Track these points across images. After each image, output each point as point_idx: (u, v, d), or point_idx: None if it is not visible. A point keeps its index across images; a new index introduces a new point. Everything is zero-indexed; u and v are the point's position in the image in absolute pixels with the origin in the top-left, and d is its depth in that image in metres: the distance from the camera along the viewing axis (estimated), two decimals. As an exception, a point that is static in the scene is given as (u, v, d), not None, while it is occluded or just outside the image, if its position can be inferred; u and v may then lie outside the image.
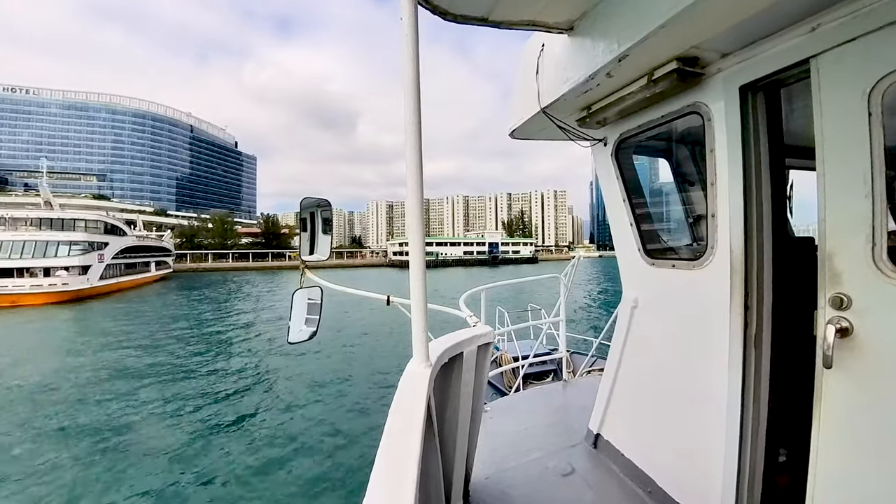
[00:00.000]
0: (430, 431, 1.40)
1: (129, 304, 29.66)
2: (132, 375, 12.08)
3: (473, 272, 65.45)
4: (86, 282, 33.32)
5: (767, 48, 1.52)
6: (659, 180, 2.62)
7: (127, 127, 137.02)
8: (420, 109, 1.29)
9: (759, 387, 1.72)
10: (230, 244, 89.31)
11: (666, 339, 2.26)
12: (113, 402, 9.80)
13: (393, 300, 2.70)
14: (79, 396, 10.28)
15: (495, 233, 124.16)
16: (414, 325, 1.33)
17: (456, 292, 2.92)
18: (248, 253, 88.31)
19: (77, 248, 33.83)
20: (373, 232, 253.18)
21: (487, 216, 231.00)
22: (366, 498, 0.74)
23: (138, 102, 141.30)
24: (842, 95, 1.28)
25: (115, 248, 39.75)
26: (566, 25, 1.95)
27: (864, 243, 1.23)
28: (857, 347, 1.26)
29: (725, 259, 1.78)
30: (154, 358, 14.19)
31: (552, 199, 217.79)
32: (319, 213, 2.39)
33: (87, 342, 16.77)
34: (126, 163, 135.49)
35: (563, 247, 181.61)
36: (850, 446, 1.29)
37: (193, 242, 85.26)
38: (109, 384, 11.21)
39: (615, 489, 2.34)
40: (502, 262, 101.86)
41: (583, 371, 4.68)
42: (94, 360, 13.86)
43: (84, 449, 7.45)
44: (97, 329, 19.97)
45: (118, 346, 16.04)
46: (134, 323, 21.59)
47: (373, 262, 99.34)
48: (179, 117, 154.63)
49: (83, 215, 37.84)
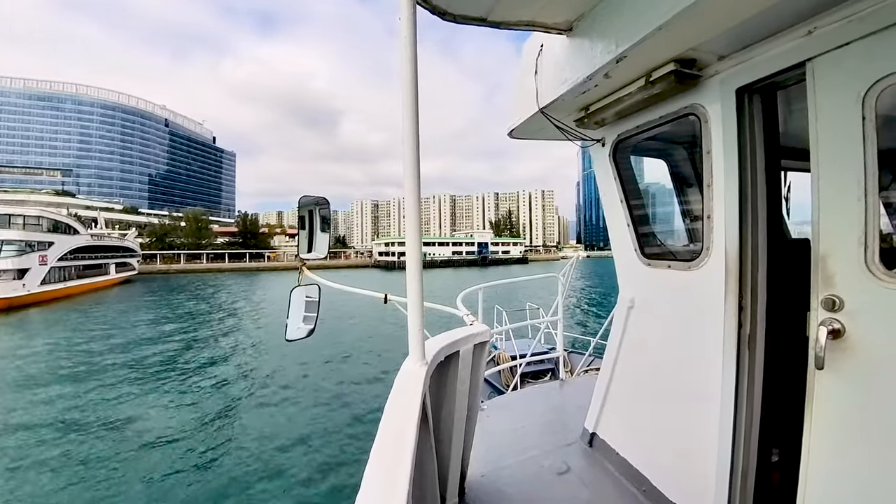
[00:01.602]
0: (425, 429, 1.42)
1: (77, 313, 25.87)
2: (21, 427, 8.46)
3: (463, 273, 62.85)
4: (21, 288, 29.08)
5: (764, 51, 1.55)
6: (656, 181, 2.62)
7: (95, 119, 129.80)
8: (417, 110, 1.31)
9: (752, 387, 1.76)
10: (204, 244, 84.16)
11: (662, 339, 2.29)
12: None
13: (390, 298, 2.70)
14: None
15: (485, 232, 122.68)
16: (410, 324, 1.34)
17: (442, 300, 2.76)
18: (224, 253, 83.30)
19: (11, 248, 29.41)
20: (357, 232, 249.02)
21: (475, 216, 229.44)
22: (359, 495, 0.75)
23: (107, 93, 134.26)
24: (837, 98, 1.31)
25: (63, 249, 35.47)
26: (565, 26, 1.97)
27: (857, 246, 1.26)
28: (848, 349, 1.30)
29: (720, 260, 1.81)
30: (79, 386, 11.08)
31: (540, 199, 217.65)
32: (318, 211, 2.37)
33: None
34: (94, 157, 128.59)
35: (551, 247, 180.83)
36: (841, 445, 1.33)
37: (165, 242, 79.84)
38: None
39: (610, 488, 2.36)
40: (492, 262, 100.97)
41: (580, 370, 4.81)
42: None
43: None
44: (11, 346, 16.28)
45: (32, 373, 12.57)
46: (71, 337, 18.17)
47: (357, 262, 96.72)
48: (153, 110, 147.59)
49: (21, 210, 33.05)
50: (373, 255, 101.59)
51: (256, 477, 6.69)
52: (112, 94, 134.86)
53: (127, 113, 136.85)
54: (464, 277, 51.97)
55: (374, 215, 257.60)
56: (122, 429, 8.46)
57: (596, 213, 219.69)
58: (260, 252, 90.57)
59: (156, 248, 78.51)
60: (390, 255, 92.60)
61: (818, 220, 1.37)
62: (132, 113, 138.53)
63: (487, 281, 4.40)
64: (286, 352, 14.05)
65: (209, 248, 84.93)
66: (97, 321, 22.64)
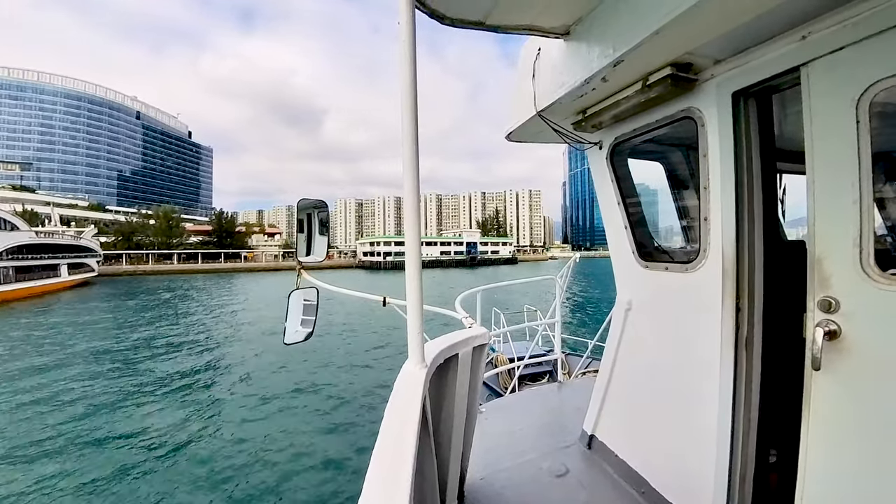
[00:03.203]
0: (425, 432, 1.43)
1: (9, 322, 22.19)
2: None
3: (452, 275, 59.77)
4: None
5: (759, 55, 1.59)
6: (653, 184, 2.65)
7: (58, 110, 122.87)
8: (416, 111, 1.33)
9: (749, 388, 1.79)
10: (175, 243, 79.02)
11: (659, 340, 2.33)
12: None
13: (389, 301, 2.73)
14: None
15: (473, 232, 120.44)
16: (410, 326, 1.36)
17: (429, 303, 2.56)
18: (198, 253, 78.39)
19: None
20: (341, 231, 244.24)
21: (461, 215, 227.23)
22: (361, 498, 0.76)
23: (72, 82, 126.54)
24: (831, 102, 1.35)
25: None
26: (562, 30, 1.99)
27: (852, 248, 1.30)
28: (844, 350, 1.33)
29: (717, 262, 1.85)
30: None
31: (527, 199, 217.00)
32: (316, 214, 2.39)
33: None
34: (57, 150, 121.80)
35: (538, 247, 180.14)
36: (838, 446, 1.36)
37: (132, 241, 74.49)
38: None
39: (609, 490, 2.38)
40: (481, 262, 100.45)
41: (578, 372, 4.78)
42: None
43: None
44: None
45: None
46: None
47: (341, 263, 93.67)
48: (123, 101, 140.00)
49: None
50: (357, 255, 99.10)
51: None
52: (78, 84, 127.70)
53: (94, 104, 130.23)
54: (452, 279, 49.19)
55: (359, 214, 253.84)
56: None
57: (583, 213, 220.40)
58: (236, 252, 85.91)
59: (122, 247, 73.40)
60: (375, 256, 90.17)
61: (814, 223, 1.40)
62: (100, 104, 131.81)
63: (477, 282, 4.37)
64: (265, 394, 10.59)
65: (180, 248, 79.99)
66: (19, 334, 18.82)
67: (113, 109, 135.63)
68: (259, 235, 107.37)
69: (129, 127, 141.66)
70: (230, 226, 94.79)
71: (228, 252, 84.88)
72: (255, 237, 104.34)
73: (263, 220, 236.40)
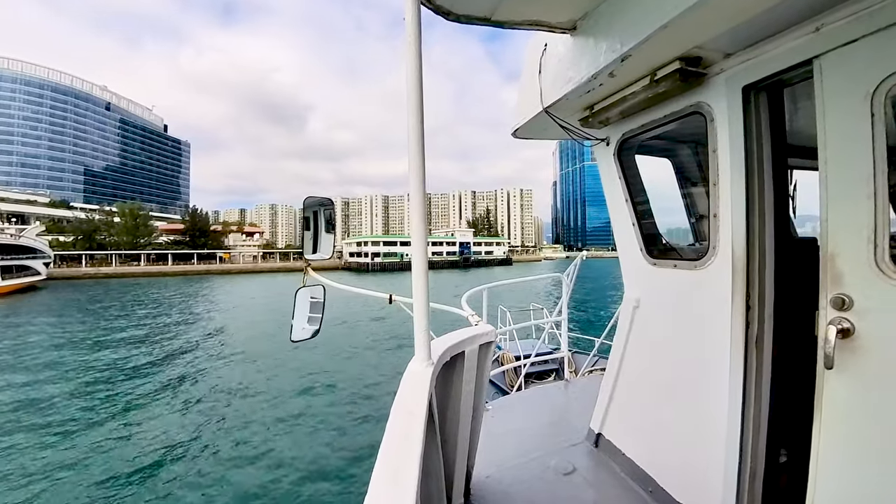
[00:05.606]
0: (431, 430, 1.44)
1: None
2: None
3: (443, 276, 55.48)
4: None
5: (770, 48, 1.58)
6: (661, 180, 2.67)
7: (18, 98, 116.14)
8: (423, 108, 1.33)
9: (759, 387, 1.79)
10: (143, 243, 72.80)
11: (667, 338, 2.33)
12: None
13: (395, 299, 2.74)
14: None
15: (466, 231, 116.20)
16: (416, 324, 1.37)
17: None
18: (167, 254, 72.31)
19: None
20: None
21: (451, 214, 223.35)
22: (368, 496, 0.76)
23: (34, 68, 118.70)
24: (845, 96, 1.33)
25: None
26: (569, 25, 1.99)
27: (866, 244, 1.29)
28: (858, 348, 1.31)
29: (727, 259, 1.85)
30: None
31: (518, 199, 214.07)
32: (322, 212, 2.39)
33: None
34: (15, 143, 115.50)
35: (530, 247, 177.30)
36: (850, 447, 1.35)
37: (94, 241, 68.01)
38: None
39: (616, 488, 2.38)
40: (475, 263, 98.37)
41: (585, 370, 4.75)
42: None
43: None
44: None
45: None
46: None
47: (325, 264, 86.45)
48: (91, 91, 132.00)
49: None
50: (343, 255, 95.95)
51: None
52: (40, 70, 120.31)
53: (59, 92, 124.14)
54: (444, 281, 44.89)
55: (345, 213, 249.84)
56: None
57: (574, 213, 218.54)
58: (211, 252, 80.00)
59: (81, 247, 66.92)
60: (363, 256, 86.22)
61: (826, 219, 1.39)
62: (65, 93, 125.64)
63: (471, 286, 4.28)
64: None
65: (148, 248, 73.89)
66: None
67: (80, 99, 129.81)
68: (237, 235, 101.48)
69: (97, 119, 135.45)
70: (204, 224, 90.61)
71: (202, 253, 79.23)
72: (233, 237, 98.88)
73: (245, 219, 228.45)
